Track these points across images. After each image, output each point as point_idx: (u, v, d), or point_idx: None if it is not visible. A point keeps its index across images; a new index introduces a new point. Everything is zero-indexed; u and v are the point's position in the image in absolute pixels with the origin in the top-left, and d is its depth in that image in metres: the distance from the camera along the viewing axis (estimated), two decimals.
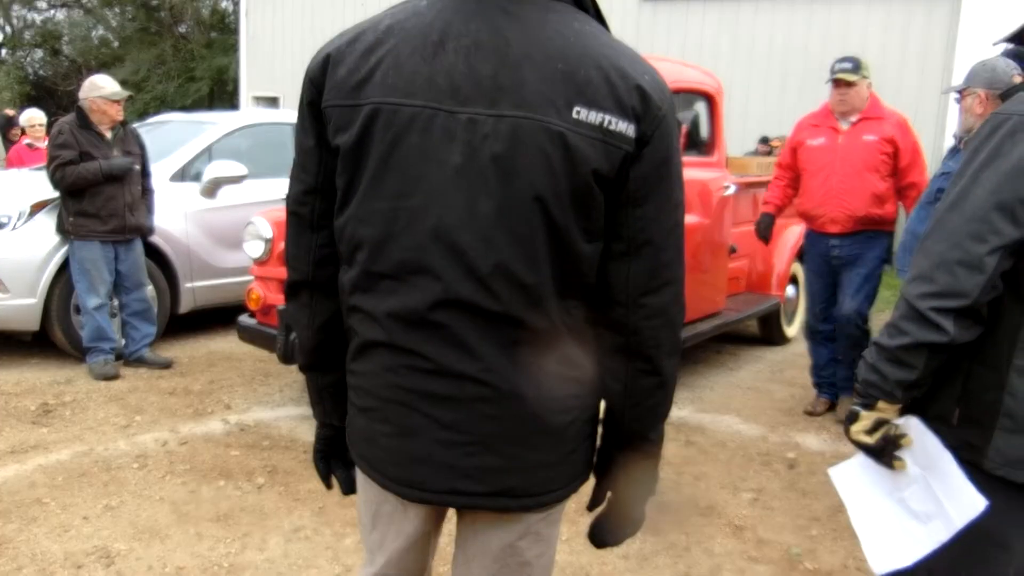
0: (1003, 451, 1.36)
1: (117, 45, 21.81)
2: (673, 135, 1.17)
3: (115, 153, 4.54)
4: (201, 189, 5.32)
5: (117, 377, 4.58)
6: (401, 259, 1.16)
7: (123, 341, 4.83)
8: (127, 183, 4.54)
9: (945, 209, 1.37)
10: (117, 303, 4.79)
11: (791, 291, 5.75)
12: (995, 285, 1.33)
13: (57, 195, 4.59)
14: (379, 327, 1.19)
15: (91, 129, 4.52)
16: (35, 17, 22.91)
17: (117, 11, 22.25)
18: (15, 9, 22.22)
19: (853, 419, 1.48)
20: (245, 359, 5.01)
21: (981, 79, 3.18)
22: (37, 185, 4.87)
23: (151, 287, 4.96)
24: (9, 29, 22.55)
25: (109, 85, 4.62)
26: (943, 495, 1.40)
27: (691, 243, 3.72)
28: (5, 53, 22.11)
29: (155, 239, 4.98)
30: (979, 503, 1.36)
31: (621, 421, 1.27)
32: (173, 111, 9.82)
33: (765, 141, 9.57)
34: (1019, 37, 1.65)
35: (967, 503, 1.37)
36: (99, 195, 4.46)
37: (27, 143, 7.56)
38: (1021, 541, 1.39)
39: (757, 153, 8.98)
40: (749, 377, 5.02)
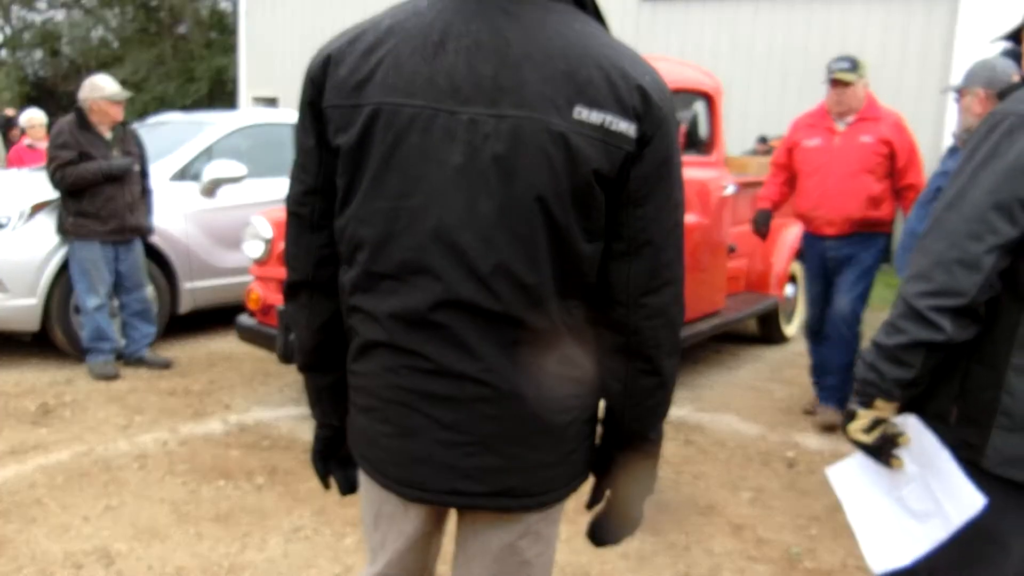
0: (1001, 449, 1.37)
1: (116, 45, 21.82)
2: (674, 135, 1.17)
3: (115, 153, 4.54)
4: (201, 189, 5.32)
5: (117, 377, 4.59)
6: (402, 259, 1.16)
7: (123, 341, 4.83)
8: (127, 183, 4.54)
9: (943, 208, 1.38)
10: (117, 303, 4.79)
11: (790, 290, 5.76)
12: (993, 284, 1.33)
13: (57, 195, 4.59)
14: (380, 327, 1.19)
15: (91, 129, 4.52)
16: (35, 18, 22.91)
17: (116, 12, 22.26)
18: (15, 10, 22.22)
19: (851, 418, 1.48)
20: (245, 359, 5.02)
21: (980, 78, 3.17)
22: (37, 185, 4.87)
23: (151, 287, 4.96)
24: (9, 30, 22.55)
25: (110, 86, 4.62)
26: (941, 494, 1.40)
27: (690, 242, 3.71)
28: (5, 54, 22.11)
29: (155, 239, 4.98)
30: (977, 501, 1.36)
31: (621, 421, 1.28)
32: (172, 111, 9.82)
33: (764, 141, 9.57)
34: (1016, 35, 1.65)
35: (965, 501, 1.37)
36: (99, 195, 4.46)
37: (27, 143, 7.57)
38: (1019, 539, 1.39)
39: (756, 153, 8.98)
40: (748, 376, 5.03)
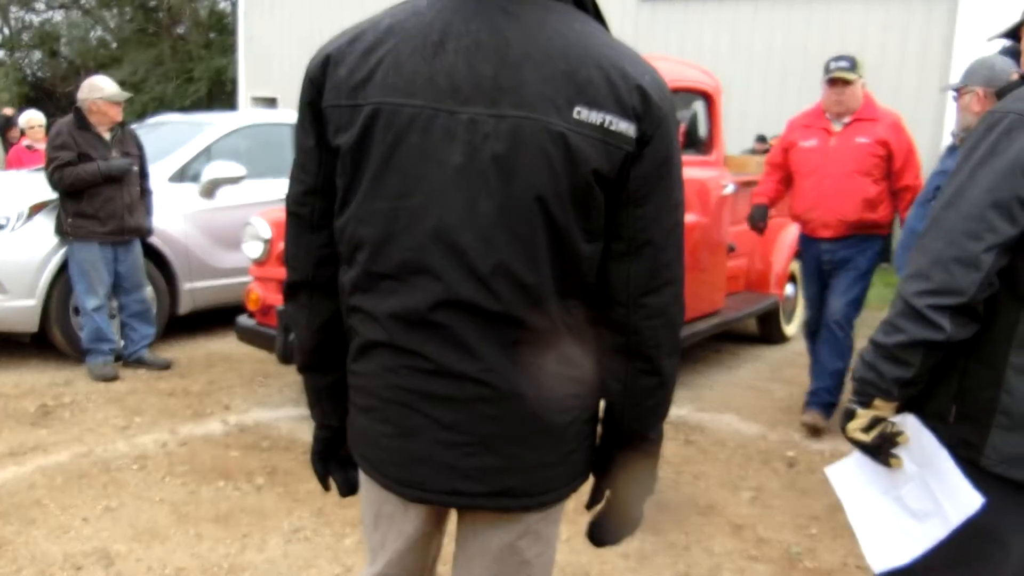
0: (1000, 448, 1.37)
1: (115, 46, 21.81)
2: (673, 135, 1.17)
3: (114, 154, 4.54)
4: (200, 190, 5.32)
5: (116, 378, 4.58)
6: (402, 259, 1.16)
7: (122, 342, 4.83)
8: (126, 184, 4.54)
9: (941, 207, 1.38)
10: (116, 304, 4.79)
11: (790, 290, 5.76)
12: (991, 283, 1.33)
13: (56, 196, 4.59)
14: (380, 327, 1.19)
15: (90, 130, 4.52)
16: (33, 18, 22.90)
17: (115, 12, 22.25)
18: (13, 10, 22.21)
19: (850, 417, 1.48)
20: (244, 360, 5.01)
21: (979, 77, 3.16)
22: (36, 186, 4.87)
23: (150, 288, 4.96)
24: (7, 30, 22.54)
25: (109, 87, 4.62)
26: (940, 493, 1.40)
27: (690, 242, 3.70)
28: (3, 54, 22.10)
29: (154, 240, 4.98)
30: (976, 501, 1.36)
31: (621, 421, 1.28)
32: (171, 112, 9.82)
33: (763, 140, 9.57)
34: (1015, 32, 1.65)
35: (964, 501, 1.37)
36: (98, 196, 4.46)
37: (26, 144, 7.56)
38: (1018, 538, 1.39)
39: (754, 152, 8.98)
40: (748, 376, 5.03)
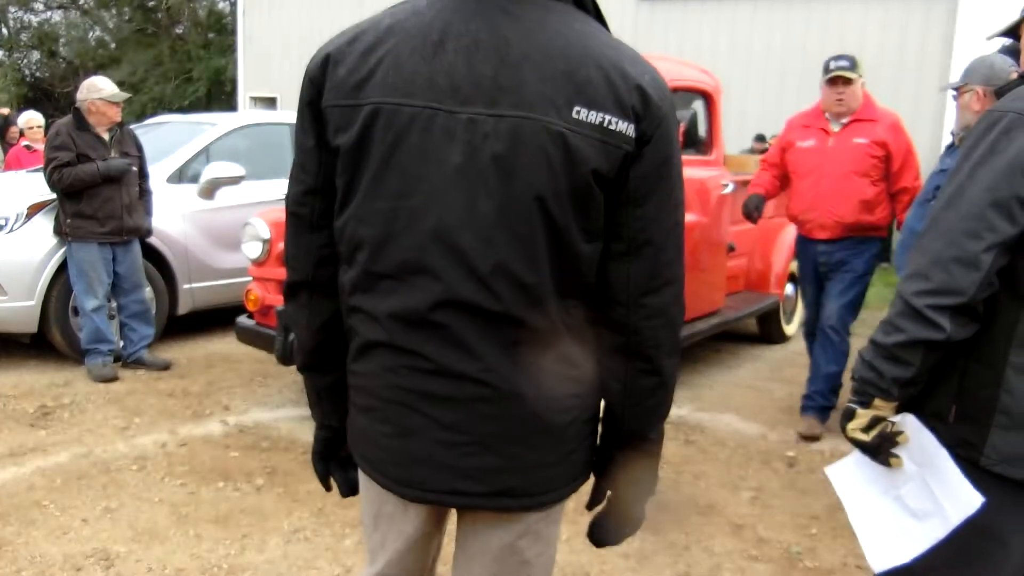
0: (999, 448, 1.37)
1: (114, 47, 21.80)
2: (673, 135, 1.17)
3: (112, 154, 4.54)
4: (199, 190, 5.32)
5: (115, 379, 4.58)
6: (401, 259, 1.16)
7: (121, 343, 4.83)
8: (125, 184, 4.54)
9: (941, 207, 1.38)
10: (115, 305, 4.79)
11: (790, 289, 5.75)
12: (991, 282, 1.33)
13: (54, 197, 4.59)
14: (379, 327, 1.19)
15: (88, 131, 4.52)
16: (31, 19, 22.89)
17: (114, 12, 22.24)
18: (12, 11, 22.20)
19: (850, 417, 1.48)
20: (244, 360, 5.01)
21: (979, 76, 3.16)
22: (34, 187, 4.87)
23: (149, 288, 4.96)
24: (6, 31, 22.52)
25: (108, 87, 4.62)
26: (940, 492, 1.40)
27: (690, 242, 3.69)
28: (2, 55, 22.08)
29: (153, 240, 4.98)
30: (976, 500, 1.36)
31: (621, 421, 1.27)
32: (170, 112, 9.82)
33: (761, 139, 9.57)
34: (1014, 31, 1.64)
35: (964, 500, 1.37)
36: (96, 197, 4.46)
37: (25, 145, 7.56)
38: (1018, 537, 1.39)
39: (753, 151, 8.99)
40: (748, 375, 5.03)
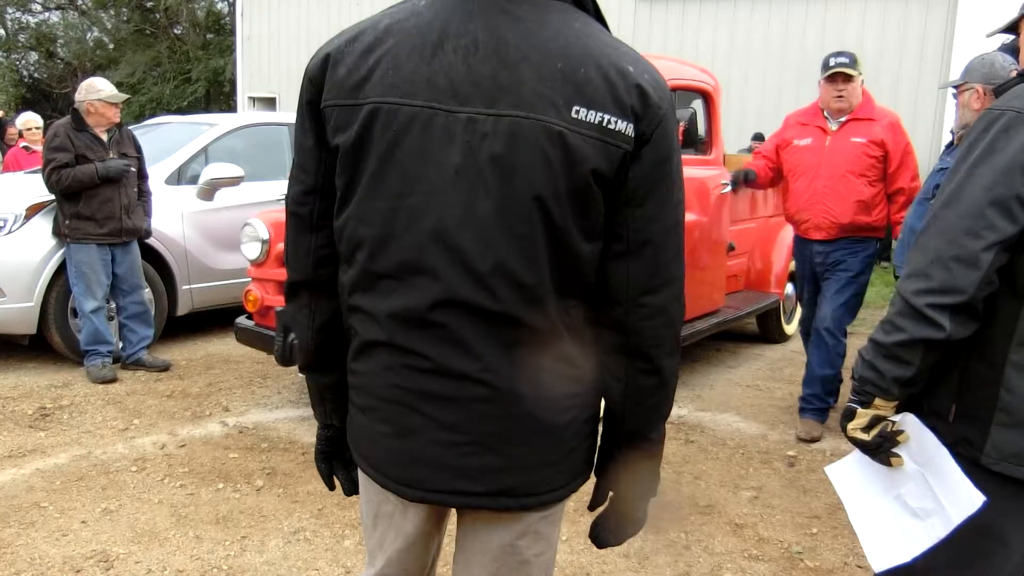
0: (1000, 446, 1.36)
1: (112, 47, 21.79)
2: (673, 134, 1.17)
3: (111, 156, 4.54)
4: (198, 191, 5.31)
5: (115, 380, 4.58)
6: (401, 259, 1.16)
7: (120, 344, 4.82)
8: (123, 185, 4.54)
9: (940, 205, 1.37)
10: (114, 306, 4.79)
11: (790, 289, 5.75)
12: (991, 281, 1.33)
13: (53, 198, 4.59)
14: (379, 327, 1.19)
15: (87, 131, 4.52)
16: (29, 19, 22.88)
17: (112, 13, 22.22)
18: (9, 12, 22.19)
19: (850, 416, 1.48)
20: (243, 361, 5.01)
21: (979, 74, 3.15)
22: (33, 188, 4.86)
23: (148, 290, 4.95)
24: (3, 32, 22.51)
25: (107, 88, 4.62)
26: (941, 492, 1.40)
27: (689, 241, 3.69)
28: (0, 56, 22.07)
29: (152, 241, 4.98)
30: (977, 499, 1.36)
31: (621, 421, 1.27)
32: (169, 113, 9.81)
33: (759, 138, 9.57)
34: (1014, 28, 1.64)
35: (965, 499, 1.37)
36: (95, 198, 4.46)
37: (24, 146, 7.56)
38: (1019, 536, 1.39)
39: (751, 150, 8.98)
40: (748, 375, 5.02)
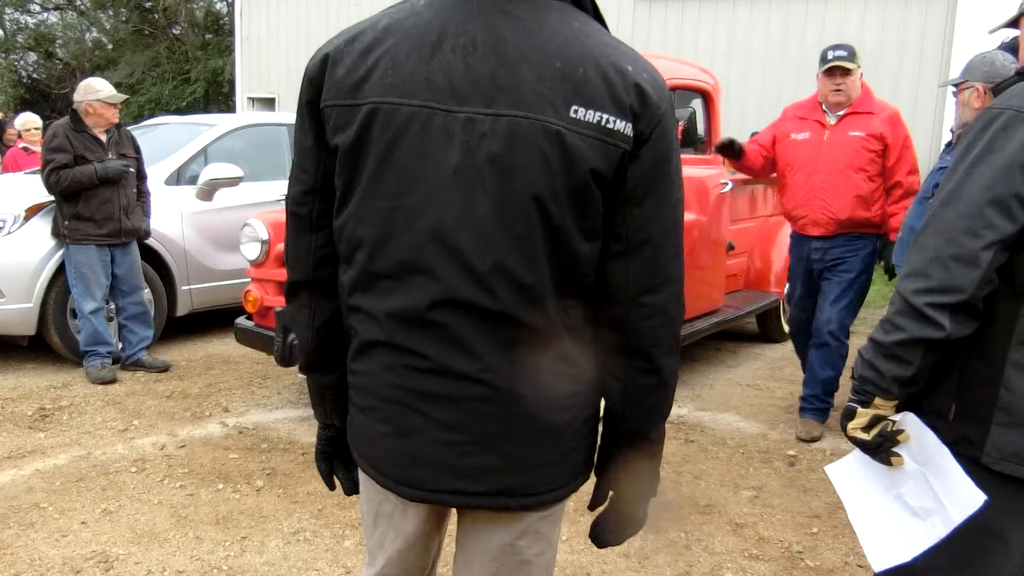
0: (1000, 445, 1.36)
1: (111, 48, 21.77)
2: (672, 134, 1.17)
3: (110, 156, 4.53)
4: (197, 192, 5.31)
5: (114, 381, 4.58)
6: (400, 259, 1.16)
7: (120, 345, 4.82)
8: (122, 186, 4.54)
9: (939, 204, 1.37)
10: (114, 307, 4.78)
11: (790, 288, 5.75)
12: (991, 280, 1.33)
13: (52, 199, 4.59)
14: (378, 327, 1.19)
15: (86, 132, 4.51)
16: (28, 20, 22.86)
17: (111, 13, 22.20)
18: (8, 12, 22.17)
19: (850, 416, 1.48)
20: (243, 362, 5.01)
21: (979, 73, 3.14)
22: (32, 189, 4.86)
23: (148, 290, 4.95)
24: (2, 32, 22.49)
25: (106, 88, 4.61)
26: (941, 491, 1.40)
27: (689, 240, 3.70)
28: None
29: (151, 242, 4.98)
30: (977, 498, 1.35)
31: (621, 420, 1.27)
32: (168, 113, 9.81)
33: None
34: (1015, 23, 1.64)
35: (965, 498, 1.37)
36: (94, 198, 4.45)
37: (22, 147, 7.56)
38: (1019, 535, 1.39)
39: None
40: (748, 374, 5.02)
